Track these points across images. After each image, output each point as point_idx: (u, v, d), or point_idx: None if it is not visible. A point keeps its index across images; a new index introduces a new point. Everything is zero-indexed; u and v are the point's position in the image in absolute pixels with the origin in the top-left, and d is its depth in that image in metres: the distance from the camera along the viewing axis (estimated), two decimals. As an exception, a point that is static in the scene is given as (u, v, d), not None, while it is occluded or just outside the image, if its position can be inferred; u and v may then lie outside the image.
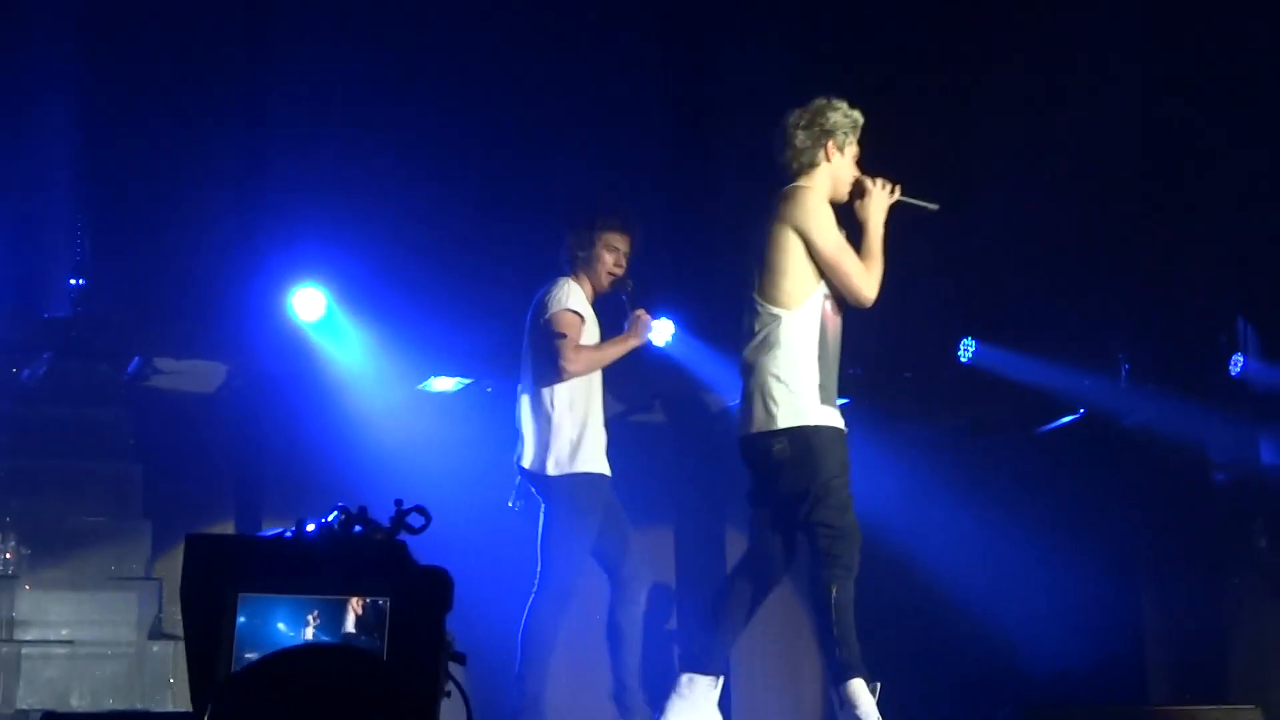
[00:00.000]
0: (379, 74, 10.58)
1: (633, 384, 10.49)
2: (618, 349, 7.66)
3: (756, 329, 6.35)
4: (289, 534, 3.98)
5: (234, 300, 10.02)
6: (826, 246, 6.36)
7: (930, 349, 11.18)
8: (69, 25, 9.93)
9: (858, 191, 6.59)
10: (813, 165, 6.51)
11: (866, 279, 6.44)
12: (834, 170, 6.57)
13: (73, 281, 9.81)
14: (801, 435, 6.19)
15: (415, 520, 3.98)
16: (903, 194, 6.66)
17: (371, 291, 10.06)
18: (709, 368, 10.61)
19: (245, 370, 10.22)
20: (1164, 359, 11.02)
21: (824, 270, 6.33)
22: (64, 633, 9.43)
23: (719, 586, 7.13)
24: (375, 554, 3.90)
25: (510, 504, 8.10)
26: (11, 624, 9.33)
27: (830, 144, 6.49)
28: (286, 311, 9.97)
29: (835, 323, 6.42)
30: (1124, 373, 11.03)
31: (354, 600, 3.84)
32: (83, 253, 9.85)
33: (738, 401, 10.92)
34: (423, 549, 4.15)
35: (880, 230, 6.53)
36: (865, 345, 10.66)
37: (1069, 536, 11.10)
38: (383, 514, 4.09)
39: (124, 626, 9.48)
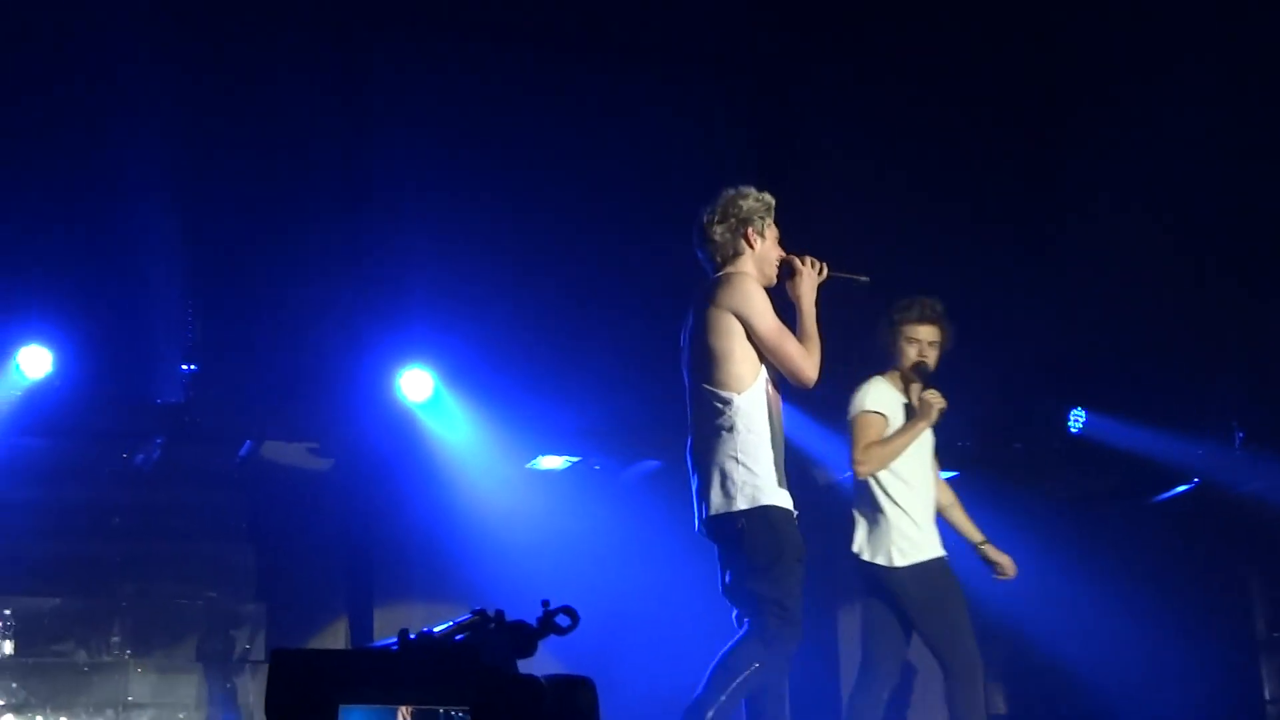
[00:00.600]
0: (484, 155, 10.71)
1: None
2: (907, 437, 7.76)
3: (707, 415, 6.30)
4: (389, 644, 3.85)
5: (342, 382, 10.10)
6: (767, 331, 6.29)
7: (1040, 420, 11.08)
8: (175, 114, 10.13)
9: (787, 271, 6.54)
10: (737, 255, 6.48)
11: (807, 361, 6.36)
12: (758, 256, 6.53)
13: (184, 367, 9.93)
14: (762, 514, 6.17)
15: (563, 621, 3.89)
16: (832, 269, 6.59)
17: (478, 372, 10.11)
18: (814, 441, 10.56)
19: (354, 451, 10.30)
20: (1279, 426, 10.86)
21: (765, 353, 6.31)
22: (180, 716, 9.49)
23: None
24: (454, 662, 3.75)
25: None
26: (126, 706, 9.41)
27: (750, 231, 6.45)
28: (395, 393, 10.03)
29: (778, 402, 6.38)
30: (1238, 440, 10.88)
31: (404, 710, 3.71)
32: (193, 338, 9.99)
33: (844, 475, 10.98)
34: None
35: (813, 309, 6.45)
36: (974, 416, 10.67)
37: (1184, 609, 10.94)
38: (523, 612, 3.98)
39: (237, 708, 9.54)
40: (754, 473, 6.16)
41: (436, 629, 3.85)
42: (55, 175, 9.87)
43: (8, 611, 9.45)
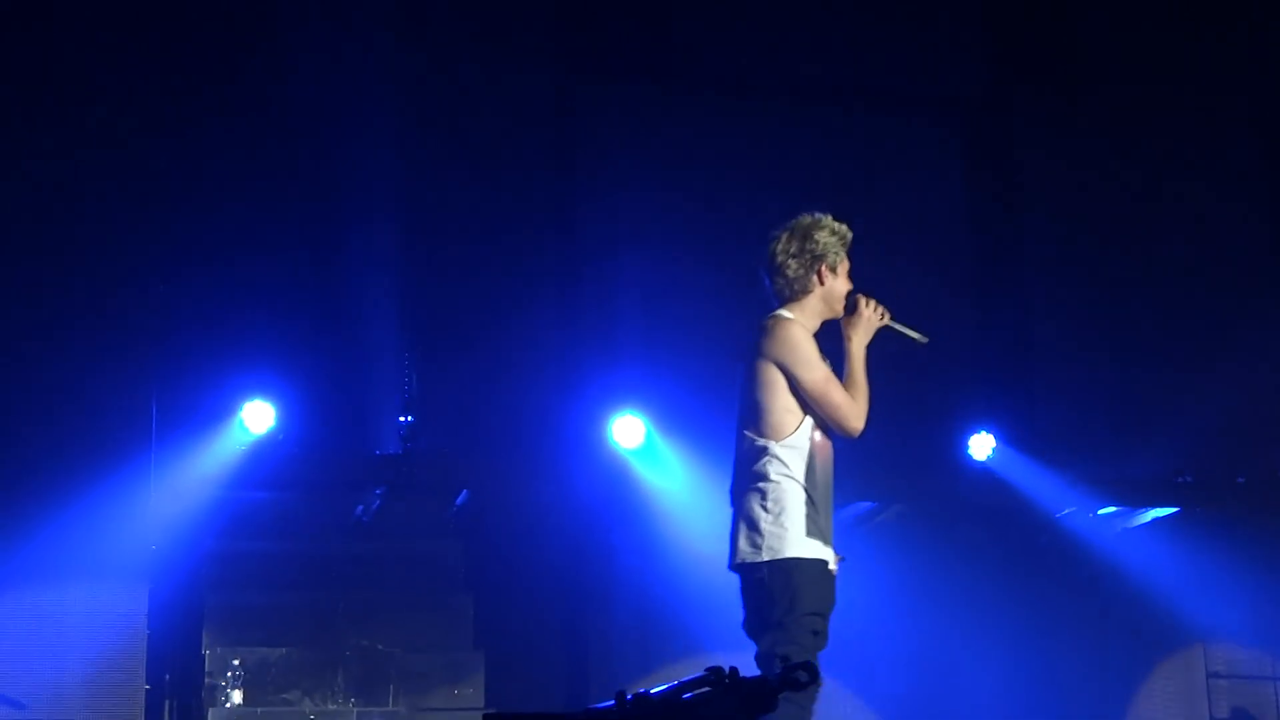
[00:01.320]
0: (692, 200, 10.72)
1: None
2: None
3: (744, 460, 6.11)
4: (606, 706, 3.73)
5: (555, 430, 10.18)
6: (812, 382, 5.98)
7: (1263, 453, 10.80)
8: (395, 171, 10.33)
9: (850, 307, 6.26)
10: (805, 291, 6.24)
11: (853, 410, 5.93)
12: (826, 292, 6.28)
13: (402, 419, 10.04)
14: (782, 567, 5.89)
15: (802, 677, 3.81)
16: (893, 318, 6.28)
17: (689, 416, 10.11)
18: (1031, 480, 10.42)
19: (569, 499, 10.33)
20: None
21: (810, 404, 6.11)
22: (403, 763, 9.63)
23: None
24: None
25: None
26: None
27: (823, 267, 6.20)
28: (607, 439, 10.10)
29: (826, 451, 6.12)
30: None
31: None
32: (410, 390, 10.09)
33: (1065, 512, 10.80)
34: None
35: (863, 354, 6.12)
36: (1194, 449, 10.45)
37: None
38: (741, 662, 3.93)
39: (461, 754, 9.64)
40: (781, 524, 5.89)
41: (658, 688, 3.78)
42: (277, 236, 10.09)
43: (236, 662, 9.65)
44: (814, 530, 5.88)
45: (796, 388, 6.04)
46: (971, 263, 11.34)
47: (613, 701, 3.63)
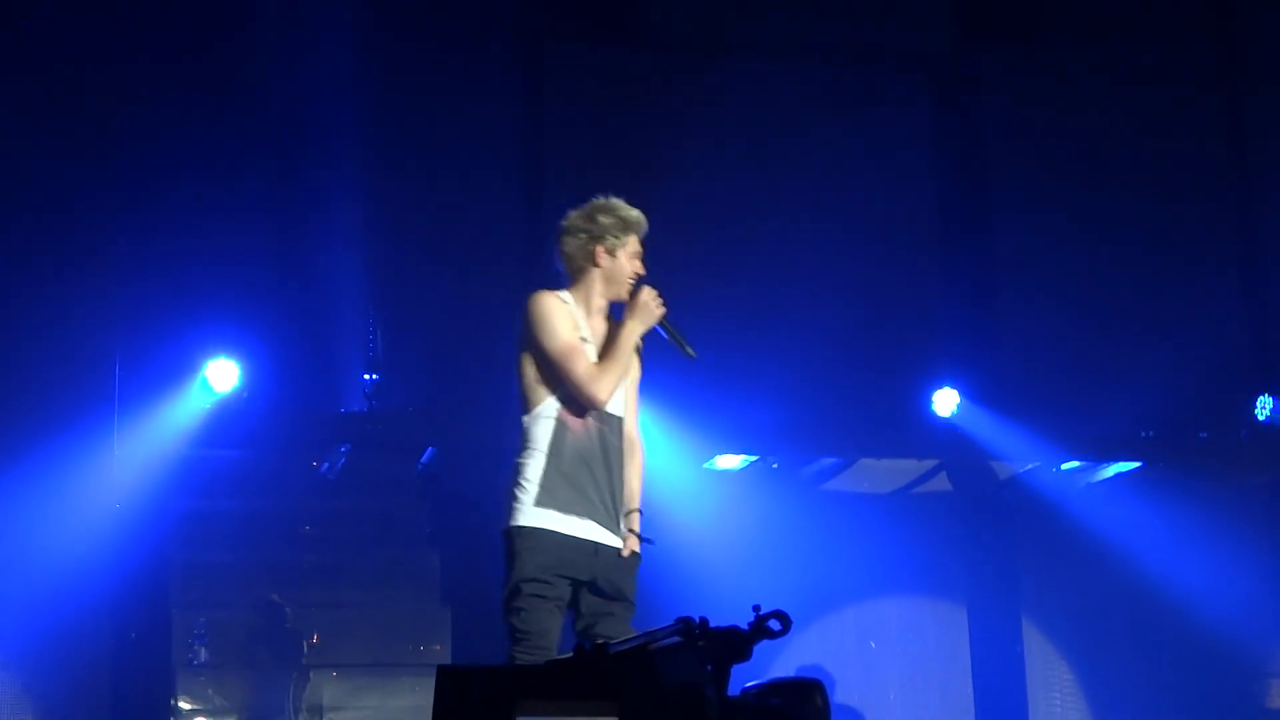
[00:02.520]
0: (671, 150, 10.64)
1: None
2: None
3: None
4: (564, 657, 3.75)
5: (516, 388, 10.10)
6: (553, 349, 5.92)
7: (1226, 408, 10.86)
8: (359, 132, 10.26)
9: (633, 292, 6.27)
10: (580, 271, 6.19)
11: (594, 377, 5.95)
12: (606, 273, 6.15)
13: (367, 377, 10.05)
14: (510, 534, 5.96)
15: (774, 625, 3.83)
16: (667, 320, 6.28)
17: (655, 372, 10.05)
18: (996, 435, 10.47)
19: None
20: None
21: (555, 372, 6.00)
22: (370, 718, 9.62)
23: None
24: (633, 674, 3.60)
25: None
26: (320, 710, 9.57)
27: (599, 249, 6.19)
28: None
29: (582, 423, 5.96)
30: None
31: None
32: (375, 348, 10.10)
33: (1028, 467, 10.86)
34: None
35: (630, 338, 6.03)
36: (1157, 408, 10.50)
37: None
38: (742, 611, 3.93)
39: (427, 711, 9.63)
40: (515, 494, 5.94)
41: (625, 640, 3.78)
42: (241, 193, 10.04)
43: (202, 620, 9.67)
44: (548, 500, 5.87)
45: (542, 359, 6.04)
46: (936, 217, 11.34)
47: (572, 653, 3.63)
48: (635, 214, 6.23)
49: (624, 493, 6.06)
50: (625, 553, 5.97)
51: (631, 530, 6.01)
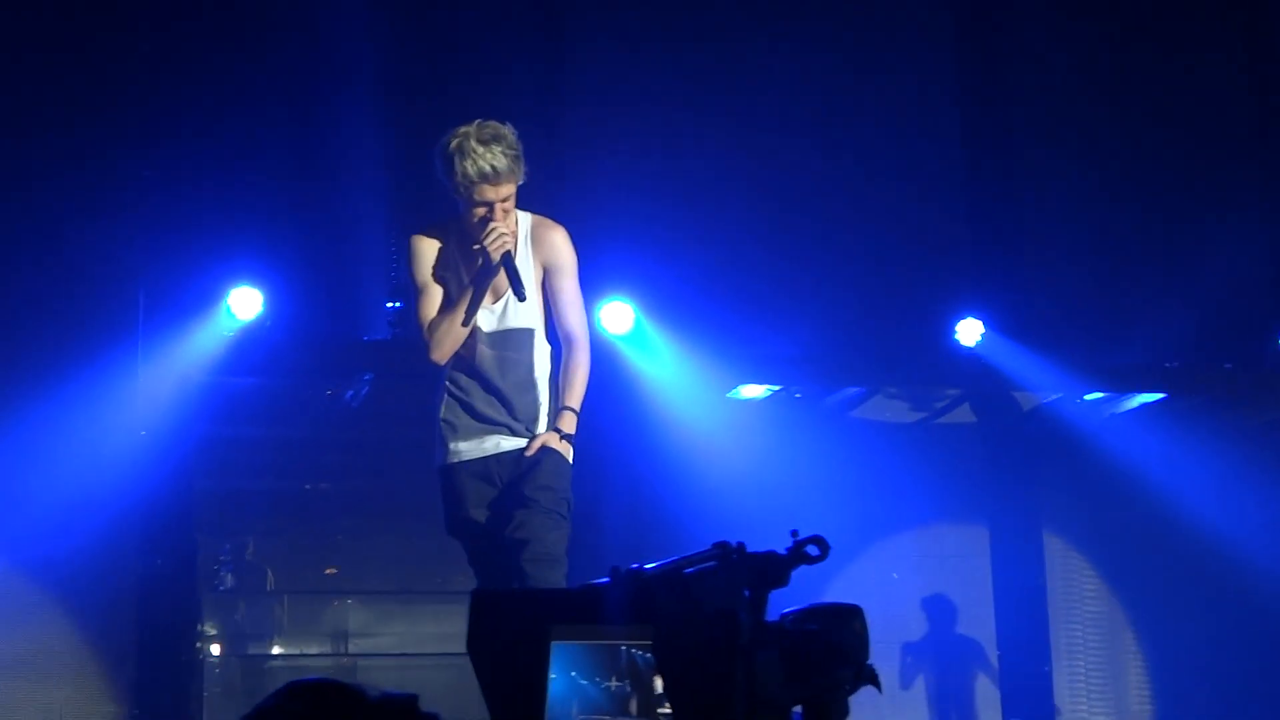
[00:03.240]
0: (689, 72, 10.58)
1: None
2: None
3: None
4: (596, 583, 3.70)
5: None
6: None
7: (1250, 340, 10.81)
8: (374, 46, 10.17)
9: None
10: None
11: (428, 339, 6.09)
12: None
13: (390, 304, 10.02)
14: (438, 475, 6.20)
15: (812, 550, 3.81)
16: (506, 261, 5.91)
17: (678, 302, 10.10)
18: (1019, 366, 10.44)
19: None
20: None
21: None
22: (394, 645, 9.64)
23: None
24: (638, 597, 3.58)
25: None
26: (345, 637, 9.61)
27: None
28: (595, 325, 9.93)
29: (474, 351, 6.00)
30: None
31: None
32: (399, 275, 10.00)
33: (1051, 398, 10.83)
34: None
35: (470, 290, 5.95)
36: (1184, 337, 10.45)
37: None
38: (767, 541, 3.92)
39: (452, 639, 9.66)
40: (439, 431, 6.15)
41: (661, 563, 3.77)
42: (263, 120, 10.00)
43: (226, 546, 9.71)
44: (456, 432, 6.05)
45: None
46: (959, 147, 11.24)
47: (608, 577, 3.61)
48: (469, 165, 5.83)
49: (549, 395, 6.05)
50: (529, 451, 5.96)
51: (557, 429, 5.99)
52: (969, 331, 10.45)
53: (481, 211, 5.90)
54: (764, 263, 10.47)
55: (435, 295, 6.09)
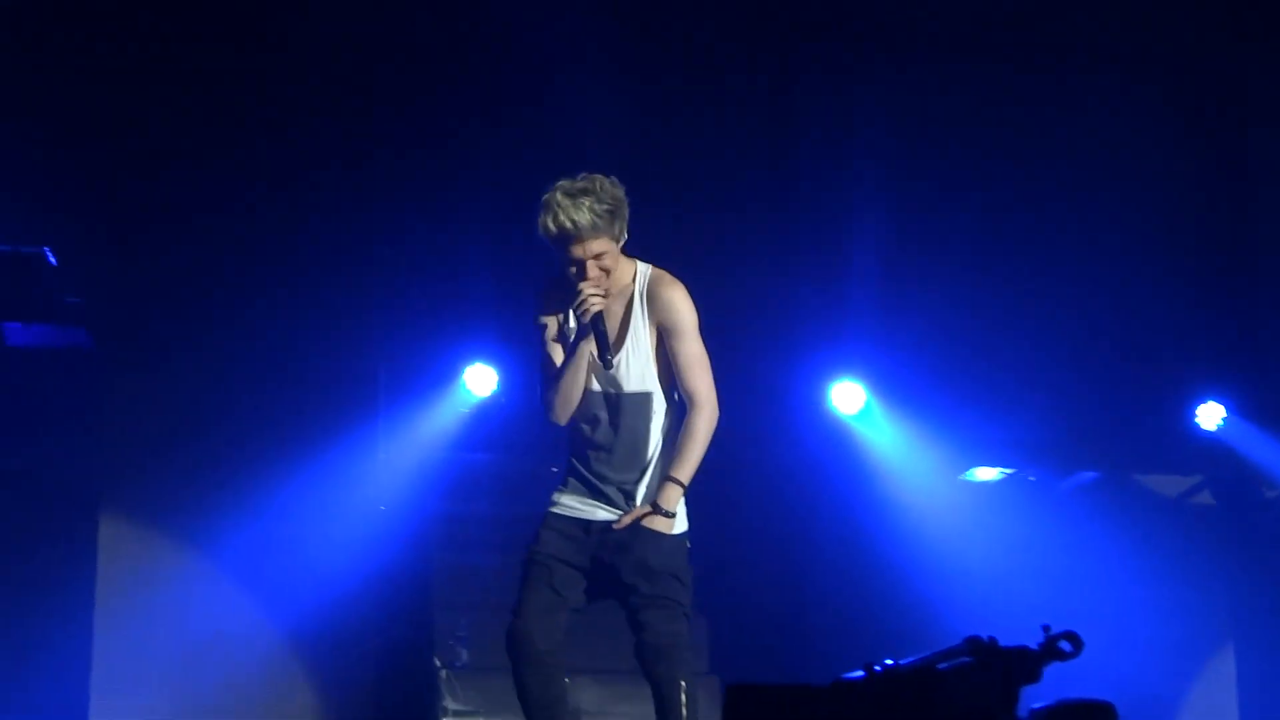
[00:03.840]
0: (925, 161, 10.55)
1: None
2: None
3: None
4: (854, 677, 3.61)
5: (772, 393, 10.13)
6: None
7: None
8: (598, 116, 10.11)
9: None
10: None
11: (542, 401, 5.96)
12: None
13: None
14: None
15: (1065, 646, 3.75)
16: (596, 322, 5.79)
17: (910, 383, 10.06)
18: (1264, 451, 10.20)
19: (788, 463, 10.29)
20: None
21: None
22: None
23: None
24: (928, 697, 3.50)
25: None
26: (578, 715, 9.58)
27: None
28: (827, 404, 10.13)
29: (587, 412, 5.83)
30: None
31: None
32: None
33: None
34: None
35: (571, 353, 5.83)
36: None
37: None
38: (1008, 630, 3.87)
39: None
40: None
41: (914, 659, 3.74)
42: (494, 204, 10.07)
43: (464, 621, 9.79)
44: (567, 486, 5.88)
45: None
46: (1195, 226, 11.04)
47: (862, 672, 3.57)
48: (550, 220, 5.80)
49: (657, 466, 5.79)
50: (618, 524, 5.76)
51: (655, 504, 5.74)
52: (1210, 415, 10.24)
53: (573, 270, 5.77)
54: (997, 344, 10.37)
55: (553, 353, 5.97)
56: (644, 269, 5.89)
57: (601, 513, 5.80)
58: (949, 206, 10.46)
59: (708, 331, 9.75)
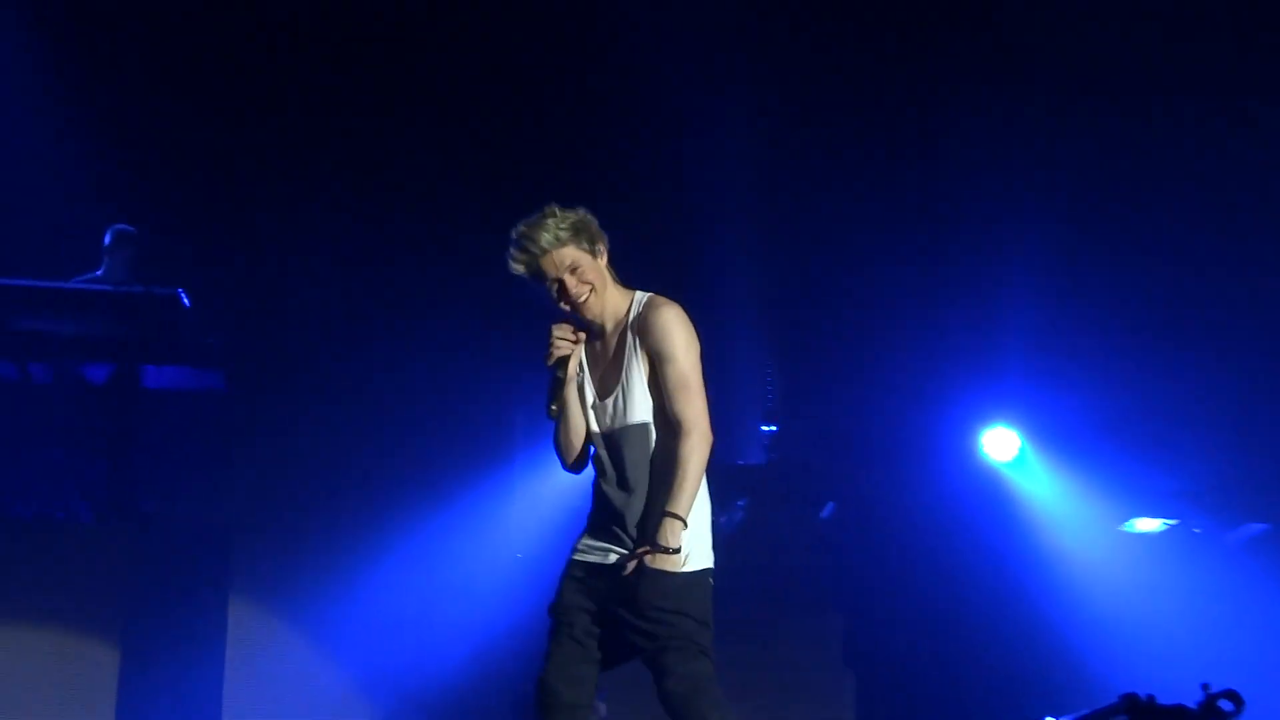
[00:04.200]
0: (1087, 212, 10.27)
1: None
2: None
3: None
4: None
5: (923, 439, 10.04)
6: None
7: None
8: (747, 165, 10.14)
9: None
10: None
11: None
12: None
13: (764, 428, 9.95)
14: None
15: (1226, 705, 3.54)
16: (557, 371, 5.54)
17: (1066, 429, 9.81)
18: None
19: (939, 513, 10.08)
20: None
21: None
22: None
23: None
24: None
25: None
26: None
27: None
28: (978, 451, 10.00)
29: (604, 460, 5.52)
30: None
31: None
32: (773, 398, 10.01)
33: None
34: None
35: (558, 391, 5.54)
36: None
37: None
38: (1169, 687, 3.71)
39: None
40: None
41: (1074, 716, 3.58)
42: (648, 255, 9.86)
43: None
44: (589, 531, 5.50)
45: None
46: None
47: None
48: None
49: (656, 499, 5.36)
50: (625, 572, 5.34)
51: (654, 541, 5.28)
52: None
53: (555, 293, 5.51)
54: (1161, 388, 10.03)
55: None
56: (640, 297, 5.62)
57: (614, 555, 5.46)
58: (1114, 245, 10.19)
59: (851, 374, 10.12)
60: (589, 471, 5.49)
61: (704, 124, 10.21)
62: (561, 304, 5.51)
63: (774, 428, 9.98)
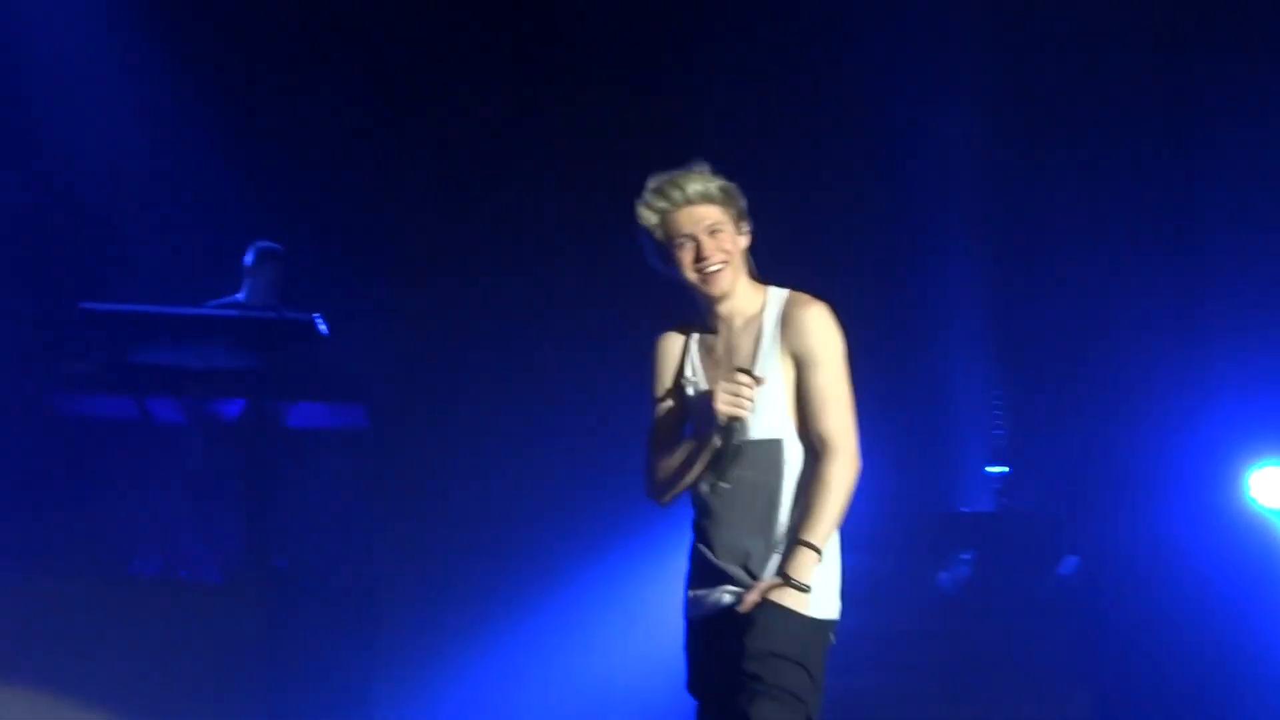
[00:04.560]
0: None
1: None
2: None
3: None
4: None
5: (1178, 482, 9.47)
6: None
7: None
8: (971, 181, 10.04)
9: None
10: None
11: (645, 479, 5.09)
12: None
13: (992, 470, 9.69)
14: None
15: None
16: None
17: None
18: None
19: (1201, 569, 9.35)
20: None
21: None
22: None
23: None
24: None
25: None
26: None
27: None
28: (1244, 494, 9.39)
29: (709, 490, 4.91)
30: None
31: None
32: (1002, 436, 9.77)
33: None
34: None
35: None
36: None
37: None
38: None
39: None
40: None
41: None
42: (856, 259, 9.91)
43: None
44: (693, 577, 5.01)
45: None
46: None
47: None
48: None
49: (790, 530, 4.80)
50: (742, 607, 4.75)
51: (784, 574, 4.71)
52: None
53: (685, 252, 4.90)
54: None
55: (667, 418, 5.06)
56: (778, 293, 5.01)
57: (726, 596, 4.86)
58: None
59: (1093, 405, 9.80)
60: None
61: (927, 127, 10.06)
62: (687, 272, 4.91)
63: (1004, 469, 9.66)
